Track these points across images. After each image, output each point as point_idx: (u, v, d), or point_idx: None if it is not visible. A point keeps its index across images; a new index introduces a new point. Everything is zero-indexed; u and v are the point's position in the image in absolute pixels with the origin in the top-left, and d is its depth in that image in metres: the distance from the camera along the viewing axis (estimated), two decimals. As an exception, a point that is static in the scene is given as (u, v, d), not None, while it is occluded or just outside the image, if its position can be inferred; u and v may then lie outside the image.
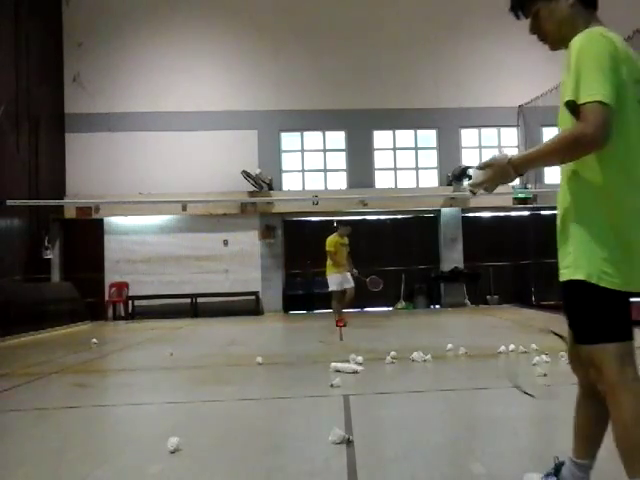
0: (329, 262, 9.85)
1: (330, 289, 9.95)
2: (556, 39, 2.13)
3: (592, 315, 1.99)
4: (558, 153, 1.95)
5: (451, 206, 14.58)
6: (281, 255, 14.69)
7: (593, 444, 2.20)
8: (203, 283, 14.22)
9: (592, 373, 2.02)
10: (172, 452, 3.17)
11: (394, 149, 15.16)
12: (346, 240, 10.05)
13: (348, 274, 9.90)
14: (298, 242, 14.71)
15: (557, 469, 2.29)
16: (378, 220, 15.18)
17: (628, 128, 1.95)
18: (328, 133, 15.16)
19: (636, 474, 1.91)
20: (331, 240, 9.90)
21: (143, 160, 14.38)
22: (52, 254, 13.58)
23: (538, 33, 2.17)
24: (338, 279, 9.82)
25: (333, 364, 5.55)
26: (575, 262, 2.00)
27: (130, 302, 14.20)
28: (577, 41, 1.94)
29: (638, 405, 1.91)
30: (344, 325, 9.75)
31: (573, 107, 1.90)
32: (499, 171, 2.10)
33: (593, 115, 1.83)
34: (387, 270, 14.64)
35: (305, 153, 15.14)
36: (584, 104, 1.85)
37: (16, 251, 12.10)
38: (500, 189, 2.53)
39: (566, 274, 2.03)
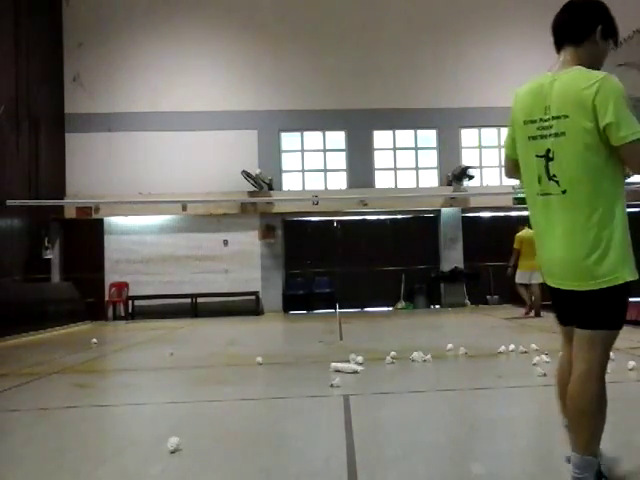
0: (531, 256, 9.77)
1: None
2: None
3: None
4: None
5: (451, 206, 14.55)
6: (281, 255, 14.68)
7: None
8: (203, 283, 14.22)
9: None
10: (172, 452, 3.17)
11: (394, 149, 15.15)
12: None
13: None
14: (298, 242, 14.73)
15: None
16: (378, 220, 15.17)
17: None
18: (328, 133, 15.15)
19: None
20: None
21: (143, 160, 14.36)
22: (52, 254, 13.57)
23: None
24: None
25: (333, 364, 5.55)
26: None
27: (130, 302, 14.19)
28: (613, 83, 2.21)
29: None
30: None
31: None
32: None
33: None
34: (387, 270, 14.67)
35: (305, 153, 15.14)
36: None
37: (16, 251, 12.09)
38: (500, 189, 2.52)
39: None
